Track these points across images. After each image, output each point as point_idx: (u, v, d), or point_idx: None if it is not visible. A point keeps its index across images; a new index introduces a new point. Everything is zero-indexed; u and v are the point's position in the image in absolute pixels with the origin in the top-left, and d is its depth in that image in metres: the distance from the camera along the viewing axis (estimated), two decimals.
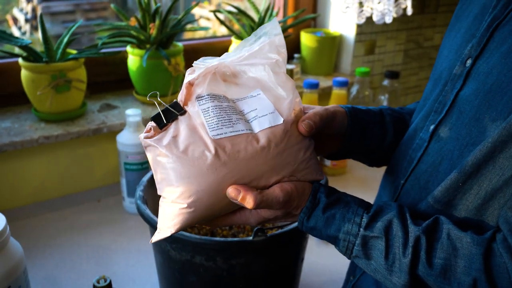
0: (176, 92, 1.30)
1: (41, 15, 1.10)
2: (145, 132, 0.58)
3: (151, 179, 0.86)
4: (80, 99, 1.19)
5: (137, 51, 1.24)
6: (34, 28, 4.09)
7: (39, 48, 1.15)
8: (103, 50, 1.23)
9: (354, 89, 1.45)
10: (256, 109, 0.60)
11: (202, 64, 0.62)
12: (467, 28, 0.65)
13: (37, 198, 1.18)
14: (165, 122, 0.57)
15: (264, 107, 0.60)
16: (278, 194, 0.57)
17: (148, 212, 0.75)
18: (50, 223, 1.10)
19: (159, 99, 0.58)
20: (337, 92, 1.35)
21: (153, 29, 1.22)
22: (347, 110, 0.71)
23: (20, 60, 1.12)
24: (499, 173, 0.54)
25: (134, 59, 1.25)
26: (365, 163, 0.79)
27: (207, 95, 0.59)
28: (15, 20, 4.11)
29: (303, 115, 0.62)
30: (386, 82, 1.50)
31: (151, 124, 0.57)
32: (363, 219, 0.57)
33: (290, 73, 1.51)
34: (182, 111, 0.58)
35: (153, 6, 1.23)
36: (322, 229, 0.59)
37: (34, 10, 4.09)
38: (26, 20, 4.06)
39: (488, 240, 0.52)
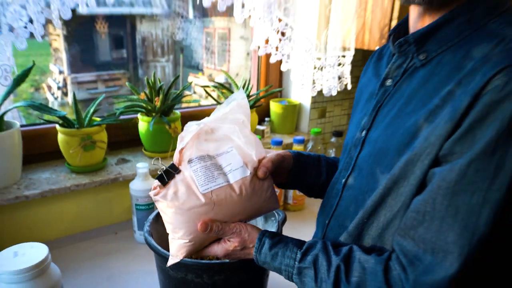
0: (175, 148, 1.32)
1: (74, 95, 1.15)
2: (153, 190, 0.63)
3: (156, 217, 0.88)
4: (102, 155, 1.22)
5: (145, 118, 1.28)
6: (64, 94, 4.17)
7: (68, 110, 1.19)
8: (120, 117, 1.27)
9: (310, 145, 1.50)
10: (230, 163, 0.65)
11: (188, 132, 0.66)
12: (362, 109, 0.70)
13: (70, 231, 1.20)
14: (166, 180, 0.62)
15: (236, 162, 0.65)
16: (234, 225, 0.64)
17: (153, 243, 0.77)
18: (79, 252, 1.11)
19: (160, 164, 0.64)
20: (296, 147, 1.40)
21: (157, 102, 1.28)
22: (293, 155, 0.76)
23: (57, 126, 1.16)
24: (389, 210, 0.57)
25: (143, 124, 1.29)
26: (305, 194, 0.84)
27: (195, 158, 0.64)
28: (49, 88, 4.19)
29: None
30: (333, 139, 1.56)
31: (157, 183, 0.62)
32: (297, 255, 0.61)
33: (262, 132, 1.56)
34: (178, 171, 0.63)
35: (158, 84, 1.29)
36: (270, 263, 0.63)
37: (64, 80, 4.17)
38: (58, 88, 4.14)
39: (385, 260, 0.55)
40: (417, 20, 0.62)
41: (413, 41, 0.60)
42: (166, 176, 0.63)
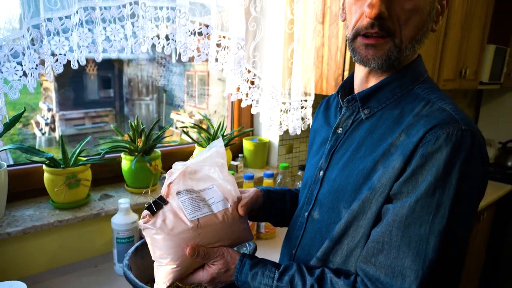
0: (155, 184, 1.33)
1: (61, 138, 1.14)
2: (142, 219, 0.64)
3: (135, 251, 0.85)
4: (86, 192, 1.21)
5: (128, 157, 1.28)
6: (51, 129, 4.06)
7: (55, 144, 1.17)
8: (105, 156, 1.27)
9: (279, 178, 1.53)
10: (213, 197, 0.69)
11: (176, 169, 0.68)
12: (317, 151, 0.75)
13: (50, 266, 1.15)
14: (155, 210, 0.64)
15: (218, 196, 0.69)
16: (217, 248, 0.65)
17: (131, 276, 0.74)
18: (60, 285, 1.06)
19: (149, 194, 0.66)
20: (266, 181, 1.43)
21: (140, 143, 1.29)
22: (263, 193, 0.79)
23: (44, 166, 1.14)
24: (351, 240, 0.62)
25: (126, 162, 1.29)
26: (272, 224, 0.87)
27: (183, 190, 0.67)
28: (38, 124, 4.09)
29: (240, 199, 0.71)
30: (299, 172, 1.59)
31: (146, 212, 0.64)
32: (275, 275, 0.63)
33: (235, 167, 1.59)
34: (166, 202, 0.65)
35: (140, 127, 1.32)
36: (250, 282, 0.64)
37: (53, 116, 4.08)
38: (46, 124, 4.04)
39: (353, 282, 0.59)
40: (363, 81, 0.70)
41: (359, 99, 0.68)
42: (155, 206, 0.64)
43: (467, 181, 0.55)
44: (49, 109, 4.11)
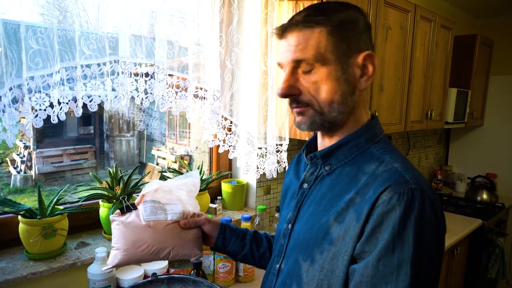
0: None
1: (38, 188, 1.15)
2: (115, 214, 0.82)
3: None
4: (62, 241, 1.20)
5: (106, 204, 1.30)
6: (28, 167, 3.97)
7: (31, 183, 1.17)
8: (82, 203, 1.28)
9: (257, 220, 1.53)
10: (173, 209, 0.84)
11: (151, 185, 0.85)
12: (287, 205, 0.79)
13: None
14: (125, 211, 0.82)
15: (177, 210, 0.85)
16: None
17: None
18: None
19: (127, 202, 0.83)
20: (244, 224, 1.45)
21: (118, 190, 1.31)
22: (221, 225, 0.88)
23: (19, 217, 1.14)
24: None
25: (103, 209, 1.30)
26: (231, 258, 0.92)
27: (149, 200, 0.84)
28: (13, 161, 3.99)
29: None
30: (277, 214, 1.61)
31: (118, 211, 0.82)
32: None
33: (214, 210, 1.61)
34: (135, 208, 0.83)
35: (119, 174, 1.34)
36: None
37: (29, 154, 4.01)
38: (22, 162, 3.95)
39: None
40: (321, 140, 0.76)
41: (320, 156, 0.73)
42: (126, 209, 0.82)
43: (423, 234, 0.58)
44: (26, 147, 4.04)
